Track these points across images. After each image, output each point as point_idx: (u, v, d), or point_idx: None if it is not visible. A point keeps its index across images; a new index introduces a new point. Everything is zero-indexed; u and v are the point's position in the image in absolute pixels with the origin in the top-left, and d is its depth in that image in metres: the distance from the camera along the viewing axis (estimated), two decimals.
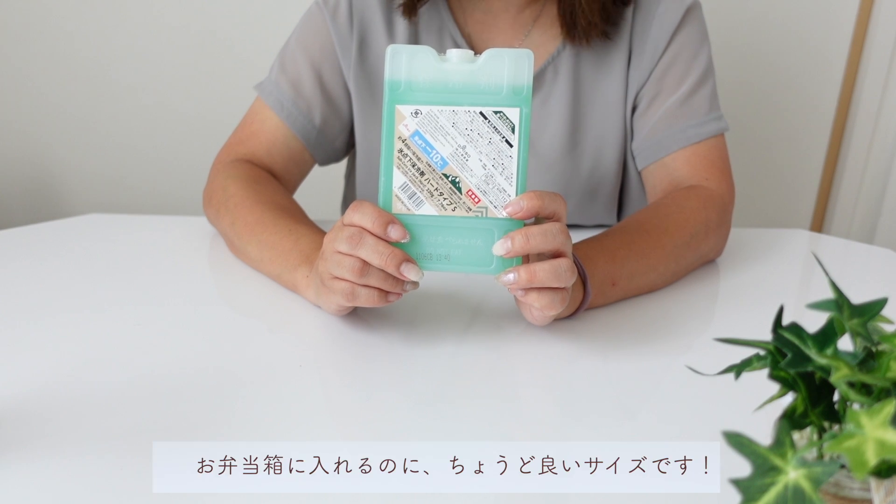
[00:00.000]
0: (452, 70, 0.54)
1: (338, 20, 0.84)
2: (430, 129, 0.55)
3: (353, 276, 0.55)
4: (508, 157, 0.55)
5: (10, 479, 0.45)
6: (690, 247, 0.73)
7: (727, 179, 0.81)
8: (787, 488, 0.29)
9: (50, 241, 0.84)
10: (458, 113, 0.55)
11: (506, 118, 0.55)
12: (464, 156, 0.55)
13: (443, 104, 0.55)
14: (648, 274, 0.70)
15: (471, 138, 0.55)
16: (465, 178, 0.55)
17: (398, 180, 0.56)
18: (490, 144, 0.55)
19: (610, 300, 0.68)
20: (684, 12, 0.81)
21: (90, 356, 0.60)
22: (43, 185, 1.68)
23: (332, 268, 0.57)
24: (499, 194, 0.55)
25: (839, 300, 0.35)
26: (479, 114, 0.55)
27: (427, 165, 0.55)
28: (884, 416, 0.29)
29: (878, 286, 0.75)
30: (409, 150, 0.55)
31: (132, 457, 0.47)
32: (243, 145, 0.86)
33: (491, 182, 0.55)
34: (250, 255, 0.74)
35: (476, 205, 0.56)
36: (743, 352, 0.37)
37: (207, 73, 1.55)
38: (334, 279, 0.58)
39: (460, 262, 0.56)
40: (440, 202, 0.56)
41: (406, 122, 0.55)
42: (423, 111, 0.55)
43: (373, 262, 0.55)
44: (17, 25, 1.53)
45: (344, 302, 0.58)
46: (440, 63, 0.54)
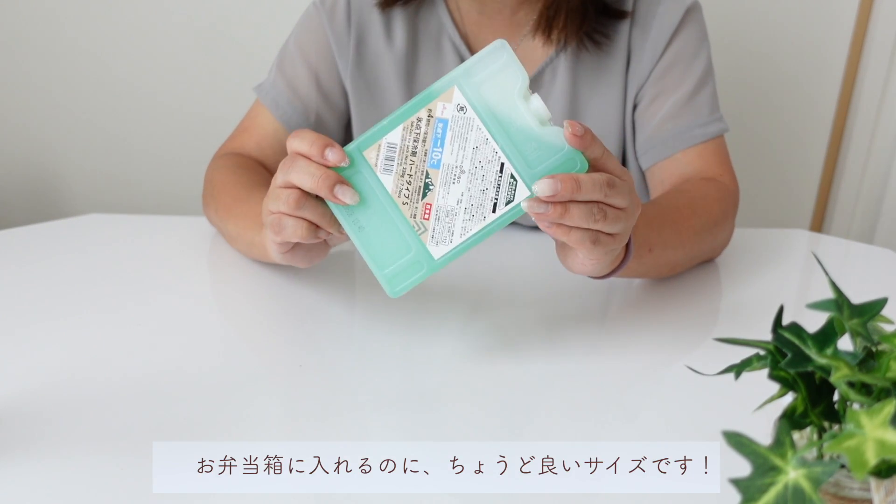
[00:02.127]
0: (520, 111, 0.51)
1: (335, 20, 0.84)
2: (456, 130, 0.52)
3: (288, 207, 0.52)
4: (482, 216, 0.52)
5: (10, 479, 0.45)
6: (712, 233, 0.74)
7: (735, 178, 0.82)
8: (787, 488, 0.29)
9: (50, 241, 0.84)
10: (489, 143, 0.52)
11: (514, 188, 0.52)
12: (454, 177, 0.53)
13: (486, 125, 0.52)
14: (677, 250, 0.70)
15: (474, 172, 0.52)
16: (436, 193, 0.53)
17: (393, 137, 0.52)
18: (482, 193, 0.52)
19: (643, 268, 0.67)
20: (684, 13, 0.81)
21: (90, 356, 0.60)
22: (43, 184, 1.68)
23: (270, 202, 0.54)
24: (445, 233, 0.53)
25: (839, 300, 0.35)
26: (500, 162, 0.52)
27: (423, 152, 0.53)
28: (884, 416, 0.29)
29: (878, 286, 0.75)
30: (424, 126, 0.52)
31: (132, 457, 0.47)
32: (234, 141, 0.87)
33: (451, 218, 0.53)
34: (231, 233, 0.74)
35: (421, 219, 0.53)
36: (743, 352, 0.37)
37: (209, 73, 1.55)
38: (270, 214, 0.55)
39: (365, 243, 0.53)
40: (401, 187, 0.53)
41: (447, 105, 0.52)
42: (468, 111, 0.52)
43: (304, 184, 0.51)
44: (19, 24, 1.53)
45: (273, 237, 0.55)
46: (519, 97, 0.51)
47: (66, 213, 1.67)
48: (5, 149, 1.65)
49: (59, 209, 1.70)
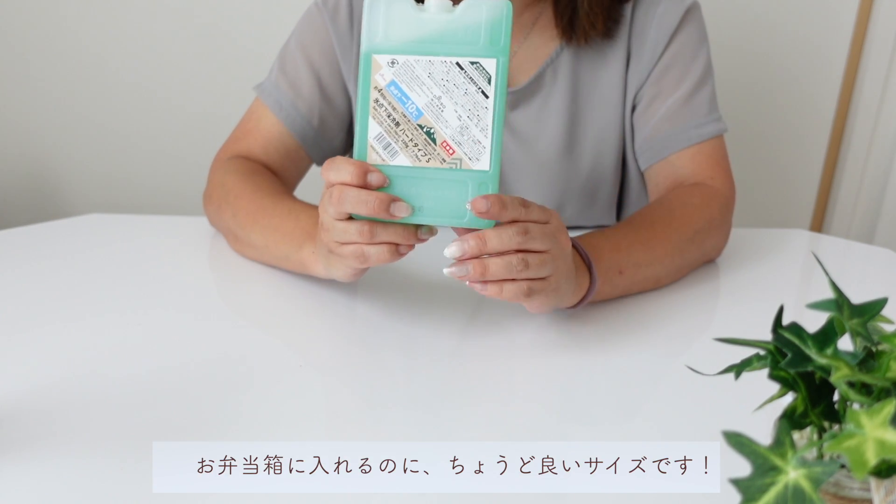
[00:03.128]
0: (430, 19, 0.53)
1: (338, 21, 0.84)
2: (406, 79, 0.54)
3: (363, 238, 0.55)
4: (484, 108, 0.54)
5: (11, 479, 0.45)
6: (694, 242, 0.73)
7: (729, 179, 0.81)
8: (787, 488, 0.29)
9: (51, 241, 0.84)
10: (435, 63, 0.54)
11: (482, 69, 0.54)
12: (439, 107, 0.54)
13: (419, 54, 0.54)
14: (654, 266, 0.70)
15: (447, 89, 0.54)
16: (440, 130, 0.55)
17: (374, 130, 0.55)
18: (466, 95, 0.54)
19: (618, 290, 0.68)
20: (684, 13, 0.81)
21: (90, 356, 0.60)
22: (44, 184, 1.68)
23: (337, 235, 0.56)
24: (474, 146, 0.55)
25: (839, 300, 0.35)
26: (455, 64, 0.54)
27: (402, 116, 0.54)
28: (884, 416, 0.29)
29: (878, 286, 0.75)
30: (384, 99, 0.54)
31: (132, 457, 0.47)
32: (239, 143, 0.86)
33: (466, 133, 0.55)
34: (255, 242, 0.74)
35: (450, 156, 0.55)
36: (743, 352, 0.37)
37: (209, 72, 1.55)
38: (342, 245, 0.57)
39: (433, 215, 0.55)
40: (415, 153, 0.55)
41: (382, 71, 0.54)
42: (399, 61, 0.54)
43: (361, 213, 0.54)
44: (19, 24, 1.53)
45: (357, 265, 0.57)
46: (418, 12, 0.53)
47: (66, 212, 1.67)
48: (6, 149, 1.65)
49: (59, 209, 1.70)
